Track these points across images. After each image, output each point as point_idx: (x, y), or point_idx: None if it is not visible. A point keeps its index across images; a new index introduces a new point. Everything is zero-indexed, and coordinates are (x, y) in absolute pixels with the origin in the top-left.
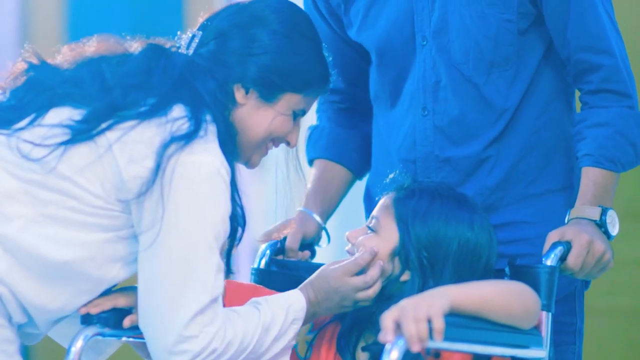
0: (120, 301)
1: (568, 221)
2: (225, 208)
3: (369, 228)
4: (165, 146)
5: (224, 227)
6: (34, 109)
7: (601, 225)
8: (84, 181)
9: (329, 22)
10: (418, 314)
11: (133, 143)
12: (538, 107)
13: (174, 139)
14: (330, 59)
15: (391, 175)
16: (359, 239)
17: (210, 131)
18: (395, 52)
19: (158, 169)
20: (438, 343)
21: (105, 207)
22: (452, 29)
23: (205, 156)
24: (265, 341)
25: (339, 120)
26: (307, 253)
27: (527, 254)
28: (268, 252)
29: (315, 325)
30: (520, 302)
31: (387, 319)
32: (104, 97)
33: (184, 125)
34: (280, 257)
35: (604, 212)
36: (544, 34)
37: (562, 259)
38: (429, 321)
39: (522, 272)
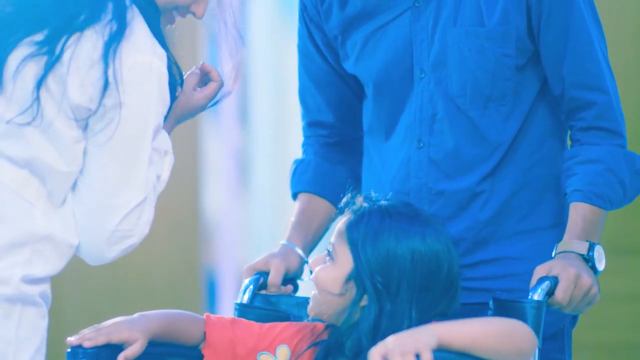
0: (115, 337)
1: (555, 255)
2: (165, 101)
3: (329, 255)
4: (103, 58)
5: (162, 119)
6: None
7: (588, 260)
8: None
9: (324, 54)
10: (405, 348)
11: (79, 60)
12: (532, 143)
13: (106, 47)
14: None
15: (344, 199)
16: (316, 269)
17: (135, 20)
18: (393, 84)
19: (105, 78)
20: None
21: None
22: (451, 62)
23: (140, 57)
24: None
25: (325, 155)
26: (289, 287)
27: (517, 289)
28: (251, 287)
29: (293, 354)
30: (512, 343)
31: (374, 354)
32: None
33: (113, 27)
34: (263, 292)
35: (591, 247)
36: (540, 71)
37: (549, 293)
38: (417, 356)
39: (508, 307)
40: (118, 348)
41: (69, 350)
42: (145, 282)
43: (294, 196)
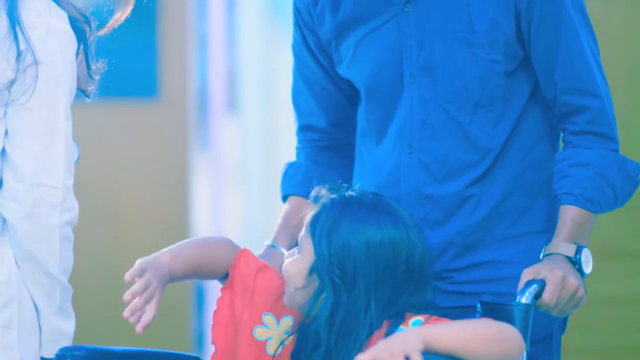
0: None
1: (543, 257)
2: (71, 60)
3: (298, 250)
4: (11, 28)
5: (73, 79)
6: None
7: (575, 262)
8: None
9: (317, 58)
10: (394, 351)
11: None
12: (523, 148)
13: (10, 18)
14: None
15: (313, 192)
16: (285, 262)
17: None
18: (384, 89)
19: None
20: None
21: None
22: (439, 68)
23: (41, 18)
24: None
25: (316, 158)
26: None
27: (507, 293)
28: None
29: (295, 327)
30: (499, 347)
31: (362, 358)
32: None
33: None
34: None
35: (579, 250)
36: (531, 75)
37: (537, 296)
38: (407, 358)
39: (496, 310)
40: (108, 353)
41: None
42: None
43: (284, 199)
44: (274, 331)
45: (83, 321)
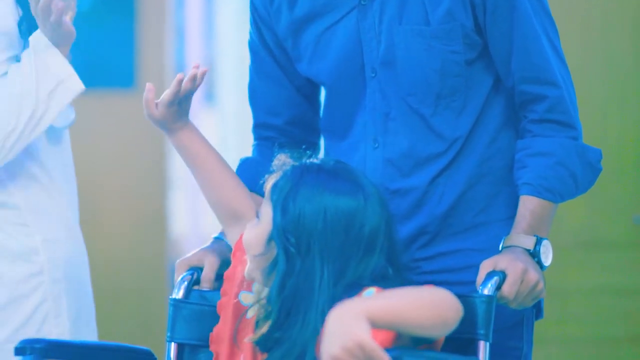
0: None
1: (502, 248)
2: None
3: (257, 216)
4: None
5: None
6: None
7: (534, 254)
8: None
9: (274, 54)
10: (347, 344)
11: None
12: (488, 135)
13: None
14: None
15: (276, 161)
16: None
17: None
18: (346, 84)
19: None
20: None
21: None
22: (399, 61)
23: None
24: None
25: (271, 155)
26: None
27: (474, 281)
28: (186, 282)
29: None
30: (437, 314)
31: None
32: None
33: None
34: (196, 287)
35: (538, 242)
36: (492, 63)
37: (497, 288)
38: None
39: None
40: (67, 346)
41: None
42: (111, 282)
43: None
44: (256, 298)
45: None
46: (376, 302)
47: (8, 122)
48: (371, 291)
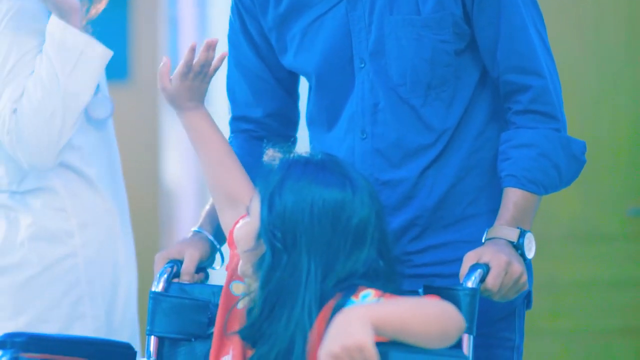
0: None
1: (485, 240)
2: None
3: (247, 212)
4: None
5: None
6: None
7: (518, 247)
8: None
9: (257, 46)
10: (349, 345)
11: None
12: (476, 127)
13: None
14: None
15: (265, 157)
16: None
17: None
18: (334, 75)
19: None
20: None
21: None
22: (389, 52)
23: None
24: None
25: (249, 149)
26: (201, 275)
27: None
28: (166, 275)
29: None
30: (440, 328)
31: None
32: None
33: None
34: (175, 280)
35: (522, 235)
36: (480, 55)
37: (481, 280)
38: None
39: (441, 294)
40: (47, 339)
41: None
42: None
43: None
44: (247, 291)
45: None
46: (383, 310)
47: (45, 108)
48: (368, 293)
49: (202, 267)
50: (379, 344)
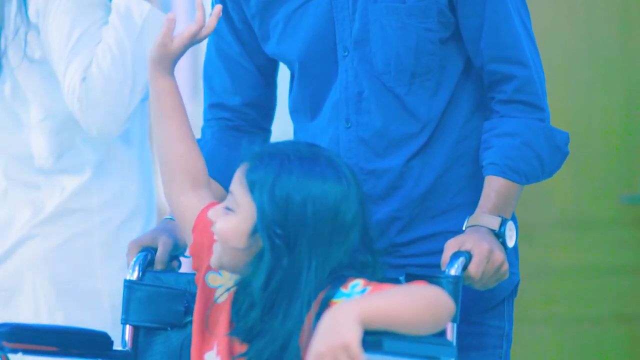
0: None
1: (466, 228)
2: None
3: (227, 208)
4: None
5: None
6: None
7: (499, 235)
8: None
9: (238, 33)
10: (335, 346)
11: None
12: (462, 116)
13: None
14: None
15: (244, 150)
16: (217, 221)
17: None
18: (317, 63)
19: None
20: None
21: None
22: (373, 40)
23: None
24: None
25: (223, 138)
26: (175, 263)
27: None
28: (140, 264)
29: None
30: (430, 313)
31: None
32: None
33: None
34: (149, 269)
35: (503, 223)
36: (464, 45)
37: (463, 268)
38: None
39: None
40: (31, 330)
41: None
42: None
43: None
44: (225, 280)
45: None
46: (371, 304)
47: (115, 76)
48: (357, 283)
49: (175, 255)
50: (370, 333)
